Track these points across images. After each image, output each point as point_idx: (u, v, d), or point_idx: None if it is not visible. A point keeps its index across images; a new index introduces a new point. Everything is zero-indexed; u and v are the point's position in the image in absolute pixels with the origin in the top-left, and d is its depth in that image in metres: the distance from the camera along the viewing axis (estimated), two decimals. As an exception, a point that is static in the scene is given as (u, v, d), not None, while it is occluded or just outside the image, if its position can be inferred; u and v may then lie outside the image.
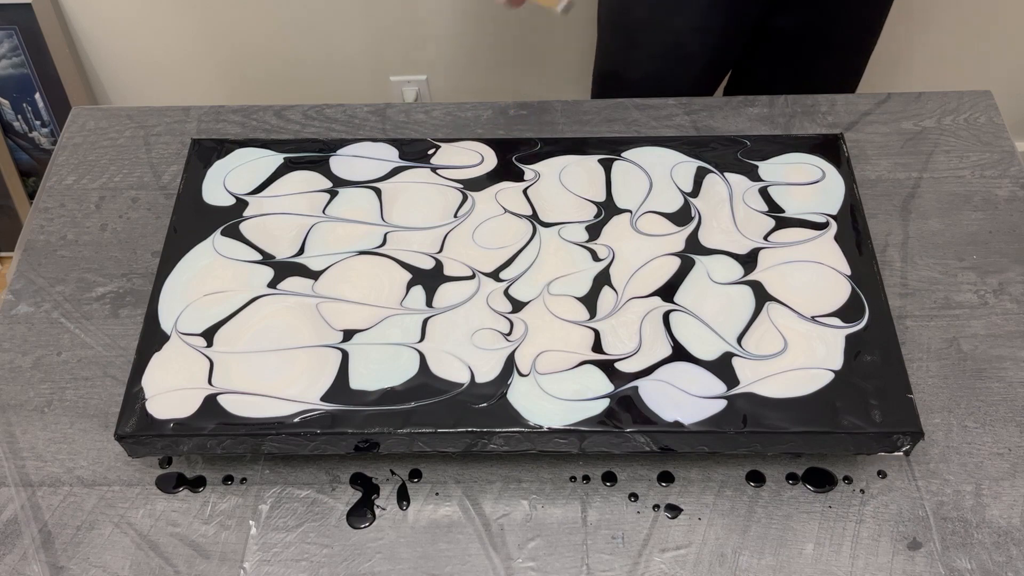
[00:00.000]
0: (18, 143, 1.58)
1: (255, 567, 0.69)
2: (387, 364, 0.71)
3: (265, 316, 0.74)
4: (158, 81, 1.57)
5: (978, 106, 0.96)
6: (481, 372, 0.70)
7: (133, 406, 0.69)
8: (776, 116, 0.95)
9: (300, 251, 0.78)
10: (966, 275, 0.84)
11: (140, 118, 0.97)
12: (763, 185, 0.82)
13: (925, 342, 0.79)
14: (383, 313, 0.74)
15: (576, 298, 0.74)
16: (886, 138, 0.94)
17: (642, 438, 0.68)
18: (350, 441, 0.69)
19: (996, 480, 0.72)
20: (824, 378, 0.69)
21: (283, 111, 0.97)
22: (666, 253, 0.77)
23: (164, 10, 1.46)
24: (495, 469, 0.74)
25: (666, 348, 0.71)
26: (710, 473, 0.73)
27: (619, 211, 0.80)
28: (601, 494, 0.72)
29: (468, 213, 0.80)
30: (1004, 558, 0.69)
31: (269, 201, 0.82)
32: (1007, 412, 0.75)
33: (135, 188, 0.92)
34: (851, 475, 0.73)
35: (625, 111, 0.96)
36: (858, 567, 0.69)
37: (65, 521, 0.72)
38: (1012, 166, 0.91)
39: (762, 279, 0.75)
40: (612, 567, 0.69)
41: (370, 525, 0.71)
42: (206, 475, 0.74)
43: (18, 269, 0.86)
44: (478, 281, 0.76)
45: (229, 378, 0.70)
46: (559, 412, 0.68)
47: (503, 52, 1.54)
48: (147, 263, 0.86)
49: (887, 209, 0.88)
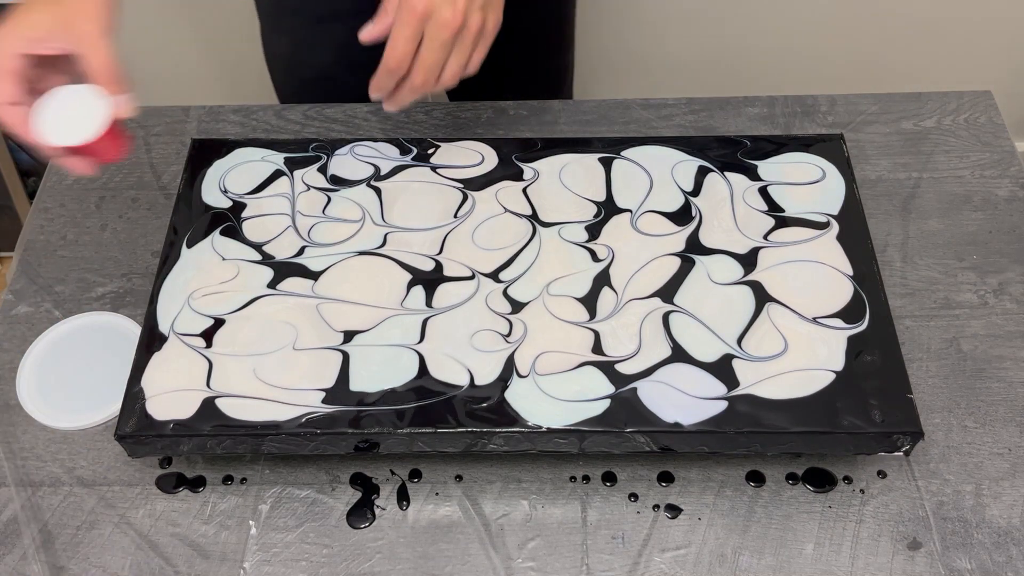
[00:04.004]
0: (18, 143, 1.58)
1: (255, 567, 0.69)
2: (387, 366, 0.71)
3: (265, 316, 0.74)
4: (158, 81, 1.57)
5: (978, 106, 0.96)
6: (480, 375, 0.70)
7: (133, 406, 0.69)
8: (776, 116, 0.95)
9: (300, 251, 0.78)
10: (966, 275, 0.83)
11: (140, 118, 0.97)
12: (763, 185, 0.82)
13: (925, 342, 0.79)
14: (383, 314, 0.74)
15: (576, 299, 0.74)
16: (886, 138, 0.94)
17: (642, 438, 0.68)
18: (350, 441, 0.69)
19: (996, 480, 0.72)
20: (825, 379, 0.69)
21: (283, 111, 0.97)
22: (666, 253, 0.77)
23: (164, 11, 1.46)
24: (495, 469, 0.74)
25: (666, 350, 0.71)
26: (710, 473, 0.73)
27: (619, 211, 0.80)
28: (601, 494, 0.72)
29: (468, 213, 0.80)
30: (1004, 558, 0.69)
31: (269, 201, 0.82)
32: (1007, 412, 0.75)
33: (135, 188, 0.92)
34: (851, 475, 0.73)
35: (625, 111, 0.96)
36: (858, 567, 0.69)
37: (65, 521, 0.72)
38: (1012, 166, 0.91)
39: (762, 279, 0.75)
40: (612, 567, 0.69)
41: (370, 525, 0.71)
42: (206, 475, 0.74)
43: (18, 269, 0.86)
44: (477, 281, 0.76)
45: (228, 379, 0.70)
46: (559, 413, 0.68)
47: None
48: (147, 263, 0.86)
49: (887, 209, 0.88)
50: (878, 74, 1.57)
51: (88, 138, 0.70)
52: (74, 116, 0.70)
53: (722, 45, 1.55)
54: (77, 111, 0.70)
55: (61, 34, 0.69)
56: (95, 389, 0.77)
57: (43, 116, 0.70)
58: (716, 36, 1.53)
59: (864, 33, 1.51)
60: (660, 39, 1.53)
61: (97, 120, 0.70)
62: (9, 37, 0.69)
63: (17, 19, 0.70)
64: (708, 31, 1.52)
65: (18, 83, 0.69)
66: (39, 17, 0.69)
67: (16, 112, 0.69)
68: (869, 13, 1.48)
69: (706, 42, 1.54)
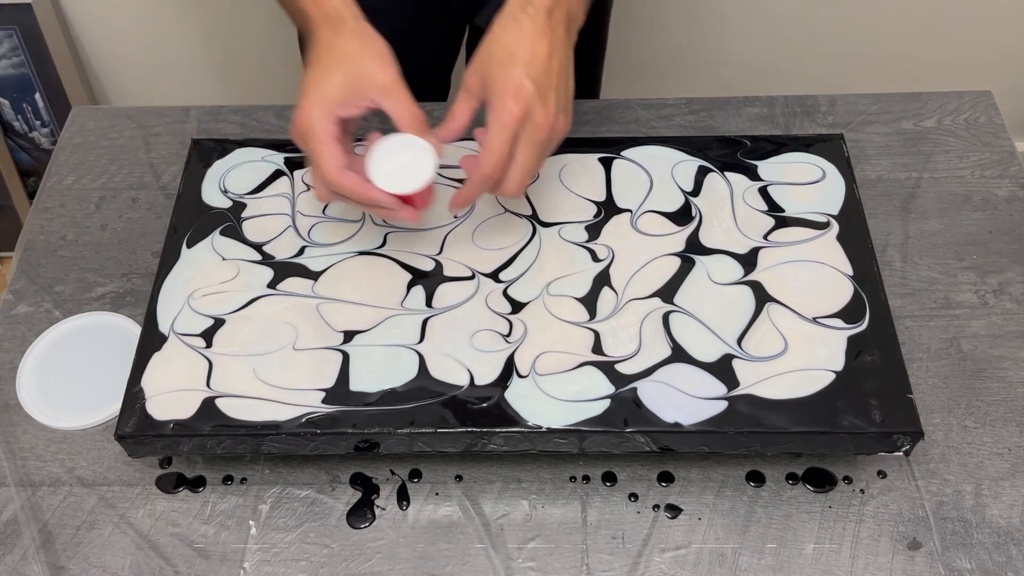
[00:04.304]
0: (18, 143, 1.58)
1: (255, 567, 0.69)
2: (387, 366, 0.71)
3: (265, 316, 0.74)
4: (158, 81, 1.57)
5: (978, 106, 0.96)
6: (480, 375, 0.70)
7: (133, 406, 0.69)
8: (776, 116, 0.95)
9: (300, 252, 0.78)
10: (966, 275, 0.83)
11: (140, 118, 0.97)
12: (763, 185, 0.82)
13: (925, 342, 0.79)
14: (383, 314, 0.74)
15: (576, 299, 0.74)
16: (886, 138, 0.94)
17: (642, 438, 0.68)
18: (350, 441, 0.69)
19: (996, 480, 0.72)
20: (825, 379, 0.69)
21: (283, 111, 0.97)
22: (666, 253, 0.77)
23: (164, 10, 1.46)
24: (495, 469, 0.74)
25: (666, 350, 0.71)
26: (710, 473, 0.73)
27: (619, 211, 0.80)
28: (601, 494, 0.72)
29: (468, 213, 0.80)
30: (1004, 558, 0.69)
31: (269, 201, 0.82)
32: (1007, 412, 0.75)
33: (135, 188, 0.92)
34: (851, 475, 0.73)
35: (626, 111, 0.96)
36: (858, 567, 0.69)
37: (65, 521, 0.72)
38: (1012, 166, 0.91)
39: (762, 279, 0.75)
40: (612, 567, 0.69)
41: (370, 525, 0.71)
42: (206, 475, 0.74)
43: (18, 269, 0.86)
44: (477, 281, 0.76)
45: (228, 380, 0.70)
46: (559, 413, 0.68)
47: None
48: (147, 263, 0.86)
49: (887, 209, 0.88)
50: (878, 74, 1.57)
51: (423, 184, 0.68)
52: (406, 165, 0.69)
53: (722, 45, 1.55)
54: (407, 160, 0.69)
55: (363, 92, 0.68)
56: (95, 389, 0.77)
57: (379, 169, 0.68)
58: (716, 36, 1.53)
59: (864, 33, 1.51)
60: (660, 39, 1.53)
61: (426, 166, 0.68)
62: (319, 106, 0.67)
63: (315, 85, 0.68)
64: (708, 31, 1.52)
65: (341, 148, 0.68)
66: (336, 79, 0.68)
67: (350, 175, 0.67)
68: (869, 13, 1.48)
69: (706, 42, 1.54)
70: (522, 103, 0.67)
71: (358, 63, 0.68)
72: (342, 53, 0.69)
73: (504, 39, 0.69)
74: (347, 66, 0.68)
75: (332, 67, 0.69)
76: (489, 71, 0.68)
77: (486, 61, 0.69)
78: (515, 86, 0.67)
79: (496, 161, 0.67)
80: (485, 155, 0.68)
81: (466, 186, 0.71)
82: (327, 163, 0.67)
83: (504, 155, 0.67)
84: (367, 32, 0.70)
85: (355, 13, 0.71)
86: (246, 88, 1.59)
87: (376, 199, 0.68)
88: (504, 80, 0.67)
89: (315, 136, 0.67)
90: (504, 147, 0.67)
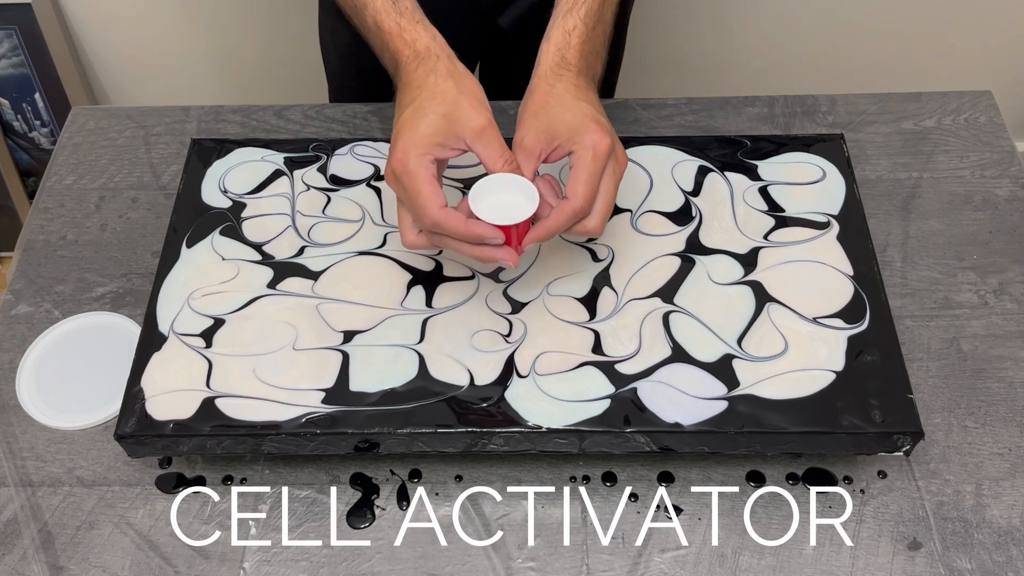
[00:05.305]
0: (18, 143, 1.58)
1: (255, 567, 0.69)
2: (387, 366, 0.71)
3: (265, 316, 0.74)
4: (158, 81, 1.57)
5: (978, 106, 0.96)
6: (480, 375, 0.70)
7: (133, 406, 0.69)
8: (776, 116, 0.95)
9: (300, 251, 0.78)
10: (966, 275, 0.83)
11: (140, 118, 0.97)
12: (763, 184, 0.81)
13: (925, 342, 0.79)
14: (383, 314, 0.74)
15: (576, 299, 0.74)
16: (886, 138, 0.94)
17: (642, 438, 0.68)
18: (350, 441, 0.69)
19: (996, 480, 0.72)
20: (825, 379, 0.69)
21: (283, 111, 0.97)
22: (666, 253, 0.77)
23: (164, 10, 1.46)
24: (495, 469, 0.74)
25: (666, 350, 0.71)
26: (710, 473, 0.73)
27: (619, 210, 0.80)
28: (601, 494, 0.72)
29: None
30: (1004, 558, 0.69)
31: (268, 201, 0.82)
32: (1007, 412, 0.75)
33: (135, 188, 0.92)
34: (851, 475, 0.73)
35: (626, 111, 0.96)
36: (858, 567, 0.69)
37: (65, 521, 0.72)
38: (1012, 166, 0.91)
39: (762, 279, 0.75)
40: (612, 567, 0.69)
41: (370, 525, 0.71)
42: (206, 475, 0.74)
43: (18, 269, 0.86)
44: (477, 281, 0.76)
45: (228, 380, 0.70)
46: (559, 413, 0.68)
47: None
48: (147, 263, 0.86)
49: (887, 209, 0.88)
50: (878, 74, 1.57)
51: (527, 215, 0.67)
52: (507, 203, 0.68)
53: (722, 45, 1.55)
54: (507, 198, 0.68)
55: (458, 134, 0.67)
56: (95, 389, 0.77)
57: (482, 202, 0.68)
58: (716, 36, 1.53)
59: (864, 33, 1.51)
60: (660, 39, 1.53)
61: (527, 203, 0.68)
62: (416, 147, 0.66)
63: (412, 128, 0.67)
64: (708, 31, 1.52)
65: (440, 187, 0.67)
66: (432, 120, 0.67)
67: (453, 212, 0.66)
68: (869, 13, 1.48)
69: (706, 42, 1.54)
70: (607, 138, 0.66)
71: (454, 105, 0.68)
72: (437, 93, 0.68)
73: (556, 90, 0.69)
74: (443, 108, 0.67)
75: (426, 107, 0.68)
76: (556, 117, 0.68)
77: (543, 114, 0.69)
78: (595, 122, 0.67)
79: (591, 193, 0.66)
80: (580, 188, 0.66)
81: (551, 218, 0.67)
82: (428, 202, 0.66)
83: (596, 188, 0.66)
84: (460, 71, 0.70)
85: (448, 52, 0.71)
86: (246, 88, 1.59)
87: (480, 234, 0.66)
88: (581, 119, 0.67)
89: (414, 176, 0.66)
90: (596, 179, 0.66)
